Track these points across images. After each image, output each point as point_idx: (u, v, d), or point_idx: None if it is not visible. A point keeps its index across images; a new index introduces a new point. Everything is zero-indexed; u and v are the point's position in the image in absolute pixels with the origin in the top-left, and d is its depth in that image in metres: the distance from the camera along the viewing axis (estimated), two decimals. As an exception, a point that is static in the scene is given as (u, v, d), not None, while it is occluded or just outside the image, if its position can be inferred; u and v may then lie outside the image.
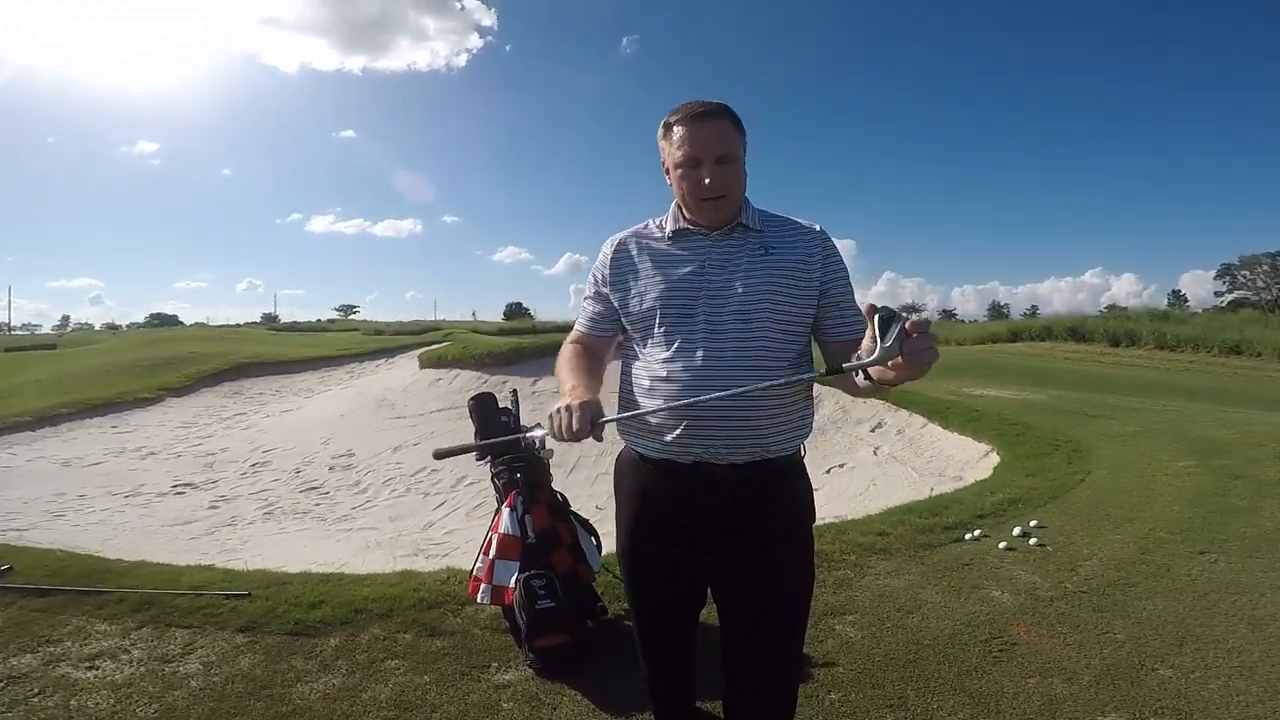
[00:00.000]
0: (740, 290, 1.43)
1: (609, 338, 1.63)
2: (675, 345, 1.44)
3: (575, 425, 1.31)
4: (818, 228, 1.52)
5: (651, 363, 1.47)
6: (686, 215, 1.53)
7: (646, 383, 1.46)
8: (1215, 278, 59.27)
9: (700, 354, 1.41)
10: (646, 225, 1.61)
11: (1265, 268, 54.27)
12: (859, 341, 1.30)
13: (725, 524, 1.46)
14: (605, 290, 1.59)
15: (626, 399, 1.54)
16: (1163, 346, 19.19)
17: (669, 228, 1.54)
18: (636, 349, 1.54)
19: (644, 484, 1.53)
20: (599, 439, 1.37)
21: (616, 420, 1.41)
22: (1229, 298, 54.07)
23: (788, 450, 1.47)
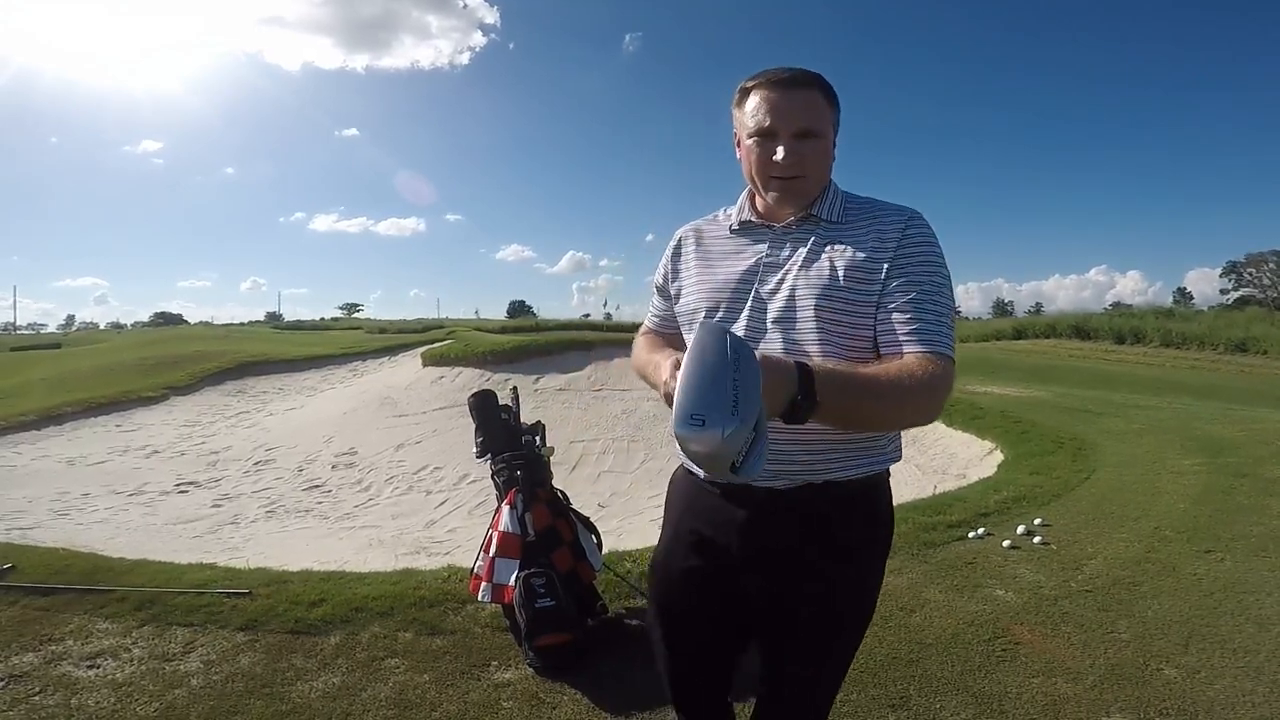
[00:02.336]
0: (788, 293, 1.20)
1: (677, 335, 1.45)
2: None
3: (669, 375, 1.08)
4: (907, 213, 1.22)
5: None
6: (755, 204, 1.32)
7: None
8: (1221, 275, 59.08)
9: None
10: (716, 216, 1.41)
11: (1271, 265, 53.98)
12: (899, 356, 1.10)
13: (769, 559, 1.23)
14: (665, 284, 1.44)
15: None
16: (1168, 344, 19.12)
17: (735, 218, 1.33)
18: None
19: (689, 502, 1.35)
20: None
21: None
22: (1235, 295, 53.83)
23: (847, 477, 1.19)
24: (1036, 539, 3.50)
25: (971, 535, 3.59)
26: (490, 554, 2.57)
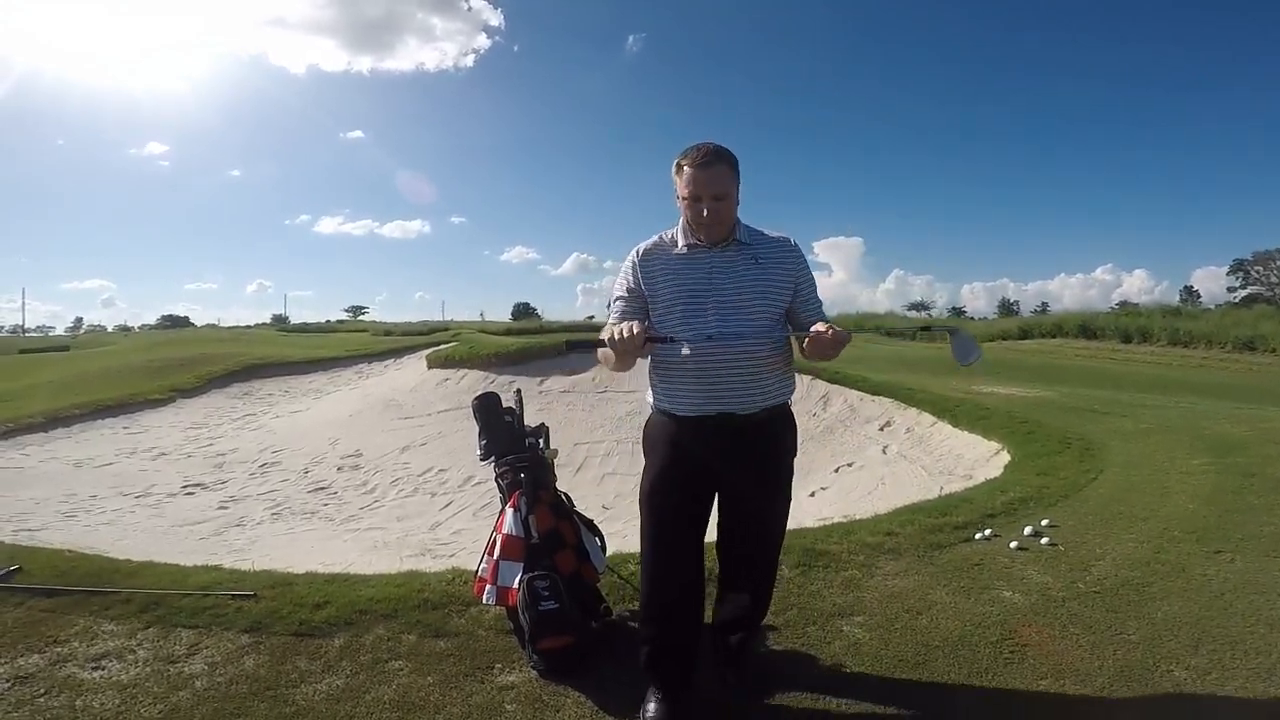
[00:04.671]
0: (742, 291, 1.99)
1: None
2: (695, 330, 1.96)
3: (635, 330, 1.81)
4: (791, 240, 2.09)
5: (677, 345, 1.97)
6: (692, 234, 2.03)
7: (675, 360, 1.99)
8: (1228, 273, 58.64)
9: (716, 334, 1.95)
10: (661, 238, 2.09)
11: (1279, 263, 53.58)
12: (814, 323, 1.98)
13: (740, 450, 2.02)
14: (638, 288, 2.04)
15: (656, 379, 2.08)
16: (1175, 343, 18.98)
17: (681, 242, 2.04)
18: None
19: (675, 437, 2.04)
20: (648, 351, 1.97)
21: (663, 340, 1.94)
22: (1242, 293, 53.43)
23: (782, 400, 2.08)
24: (1044, 540, 3.47)
25: (978, 536, 3.56)
26: (494, 556, 2.57)
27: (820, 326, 1.90)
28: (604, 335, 1.95)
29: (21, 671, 2.38)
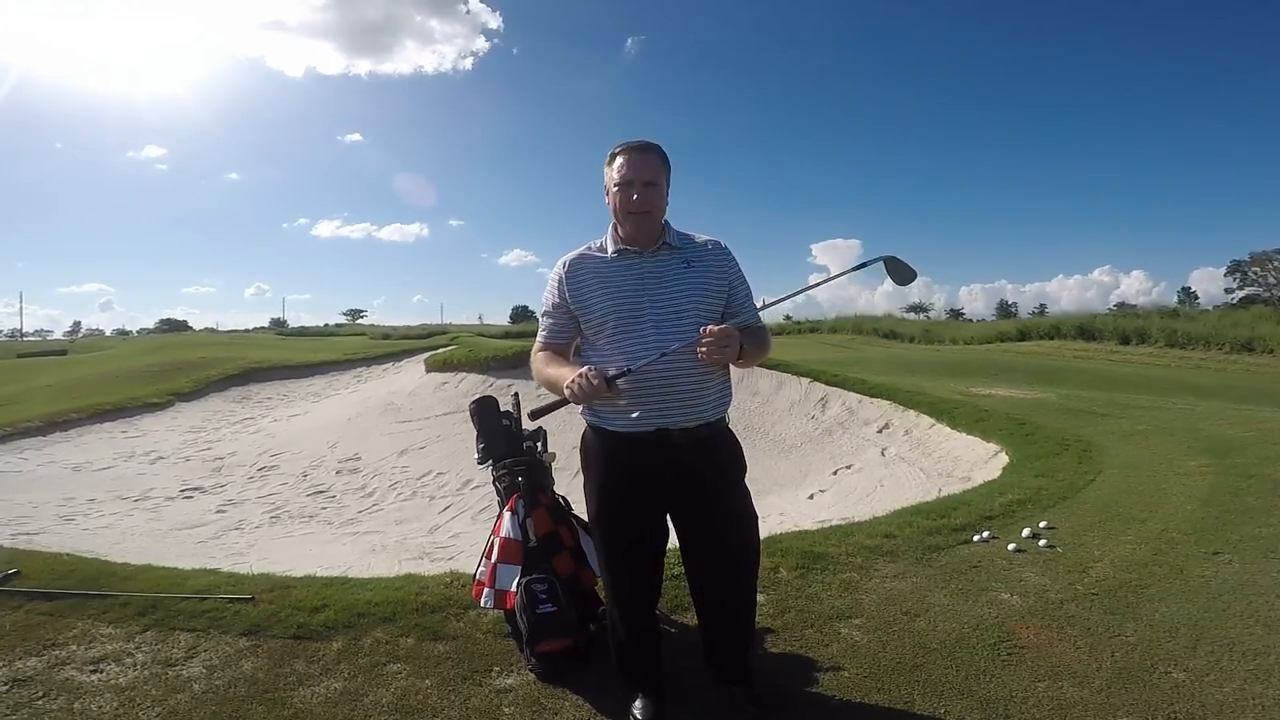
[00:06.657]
0: (676, 296, 1.92)
1: (569, 344, 2.05)
2: (633, 340, 1.88)
3: (595, 381, 1.75)
4: (722, 243, 2.04)
5: (615, 355, 1.90)
6: (622, 236, 1.95)
7: (611, 371, 1.84)
8: (1226, 274, 58.52)
9: (654, 344, 1.87)
10: (589, 247, 2.02)
11: (1276, 264, 53.56)
12: (753, 326, 1.99)
13: (682, 473, 1.94)
14: (565, 303, 1.98)
15: None
16: (1173, 344, 19.01)
17: (610, 249, 1.97)
18: (594, 348, 1.98)
19: (612, 454, 1.97)
20: (617, 394, 1.83)
21: (624, 377, 1.82)
22: (1240, 294, 53.35)
23: (720, 416, 1.99)
24: (1042, 542, 3.48)
25: (976, 539, 3.56)
26: (492, 560, 2.57)
27: (711, 328, 1.80)
28: (545, 370, 1.96)
29: (19, 674, 2.38)
